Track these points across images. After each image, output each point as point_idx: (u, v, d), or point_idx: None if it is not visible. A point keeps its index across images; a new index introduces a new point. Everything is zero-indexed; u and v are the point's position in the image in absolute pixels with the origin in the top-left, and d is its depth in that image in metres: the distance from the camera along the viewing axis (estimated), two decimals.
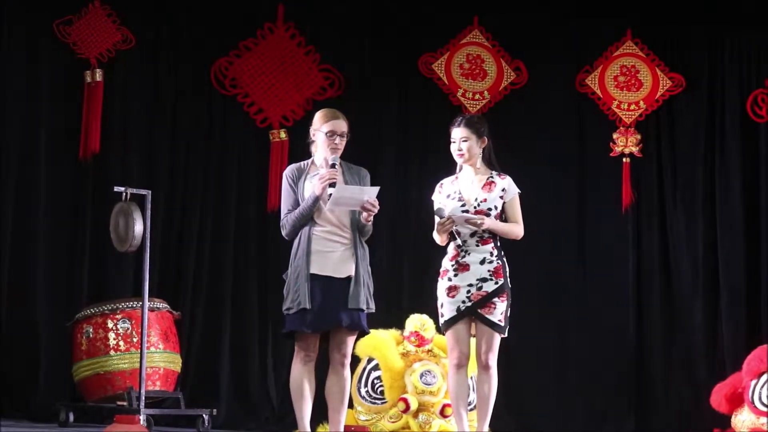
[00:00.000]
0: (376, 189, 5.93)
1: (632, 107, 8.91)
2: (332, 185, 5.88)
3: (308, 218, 5.94)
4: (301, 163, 6.13)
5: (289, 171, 6.08)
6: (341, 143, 6.04)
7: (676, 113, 8.94)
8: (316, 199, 5.91)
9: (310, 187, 5.97)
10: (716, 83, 8.92)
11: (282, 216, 6.03)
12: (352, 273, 5.97)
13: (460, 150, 6.26)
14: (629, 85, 8.92)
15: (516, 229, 6.28)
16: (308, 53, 8.79)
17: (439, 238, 6.26)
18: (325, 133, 6.03)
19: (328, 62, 8.79)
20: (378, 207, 5.95)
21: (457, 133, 6.27)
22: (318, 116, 6.12)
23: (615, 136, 8.88)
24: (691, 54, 8.99)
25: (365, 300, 6.00)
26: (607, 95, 8.92)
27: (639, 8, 8.91)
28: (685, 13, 8.83)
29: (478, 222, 6.13)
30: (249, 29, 8.77)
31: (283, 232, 6.03)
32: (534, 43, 8.95)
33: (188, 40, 8.69)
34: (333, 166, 5.95)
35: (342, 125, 6.06)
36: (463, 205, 6.20)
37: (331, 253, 5.94)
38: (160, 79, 8.64)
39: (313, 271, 5.90)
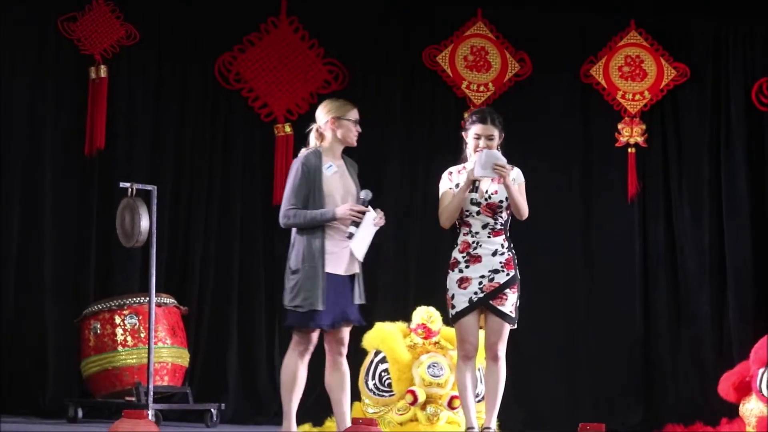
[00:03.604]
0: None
1: (637, 97, 8.90)
2: (355, 224, 6.00)
3: (317, 227, 5.99)
4: (310, 152, 6.12)
5: (304, 159, 6.05)
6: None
7: (681, 103, 8.93)
8: (334, 219, 5.96)
9: (331, 185, 6.02)
10: (721, 72, 8.91)
11: (287, 206, 6.02)
12: (357, 270, 6.10)
13: (486, 148, 6.22)
14: (634, 75, 8.91)
15: (525, 204, 6.25)
16: (312, 47, 8.79)
17: (448, 211, 6.20)
18: (352, 120, 6.10)
19: (331, 56, 8.79)
20: (383, 217, 6.10)
21: (484, 129, 6.25)
22: (337, 105, 6.16)
23: (620, 126, 8.87)
24: (696, 43, 8.97)
25: (364, 294, 6.15)
26: (612, 85, 8.91)
27: None
28: (688, 2, 8.82)
29: (507, 168, 6.09)
30: (252, 23, 8.77)
31: (284, 222, 6.05)
32: (538, 34, 8.94)
33: (192, 35, 8.70)
34: (365, 203, 6.02)
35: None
36: (473, 198, 6.21)
37: (342, 252, 6.01)
38: (165, 74, 8.65)
39: (327, 270, 5.97)
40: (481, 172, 6.10)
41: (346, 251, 6.01)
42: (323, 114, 6.14)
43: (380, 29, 8.88)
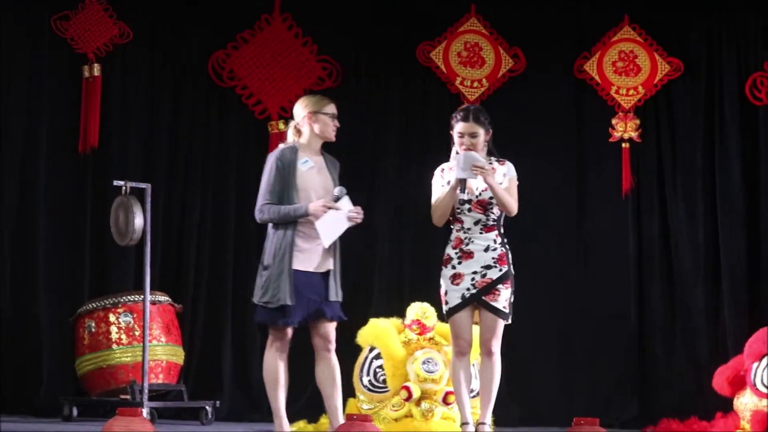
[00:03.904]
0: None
1: (631, 92, 8.90)
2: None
3: (290, 223, 6.00)
4: (287, 147, 6.14)
5: (279, 154, 6.09)
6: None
7: (675, 98, 8.92)
8: (307, 215, 5.96)
9: (307, 180, 6.00)
10: (715, 67, 8.90)
11: (261, 200, 6.09)
12: (332, 267, 6.11)
13: (471, 146, 6.21)
14: (627, 70, 8.91)
15: (513, 201, 6.23)
16: (305, 44, 8.79)
17: (439, 210, 6.20)
18: (330, 115, 6.11)
19: (325, 53, 8.79)
20: (361, 211, 6.01)
21: (466, 128, 6.23)
22: (314, 100, 6.21)
23: (614, 121, 8.87)
24: (689, 38, 8.96)
25: (340, 291, 6.18)
26: (606, 81, 8.91)
27: None
28: None
29: (486, 168, 6.09)
30: (246, 21, 8.77)
31: (259, 217, 6.13)
32: (532, 29, 8.94)
33: (185, 33, 8.70)
34: (337, 200, 6.00)
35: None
36: (464, 195, 6.21)
37: (314, 250, 6.03)
38: (158, 72, 8.65)
39: (296, 267, 5.98)
40: (462, 174, 6.11)
41: (319, 248, 6.04)
42: (300, 109, 6.18)
43: (374, 26, 8.88)
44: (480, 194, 6.22)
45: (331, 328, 6.13)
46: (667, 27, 8.99)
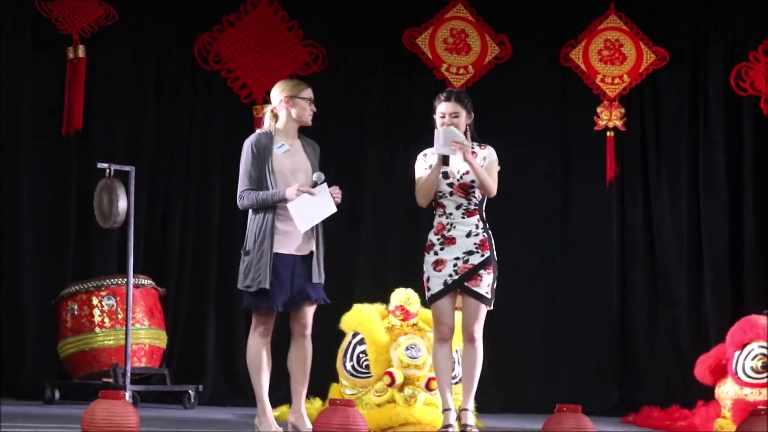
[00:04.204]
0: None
1: (616, 81, 8.91)
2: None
3: (270, 207, 6.02)
4: (262, 132, 6.13)
5: (255, 140, 6.09)
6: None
7: (660, 87, 8.94)
8: (284, 200, 5.97)
9: (282, 164, 6.02)
10: (700, 56, 8.92)
11: (241, 186, 6.07)
12: (314, 249, 6.10)
13: (451, 125, 6.21)
14: (613, 58, 8.92)
15: (491, 181, 6.21)
16: (291, 28, 8.77)
17: (423, 189, 6.19)
18: (306, 99, 6.10)
19: (311, 37, 8.77)
20: (338, 191, 6.05)
21: (447, 108, 6.22)
22: (291, 84, 6.18)
23: (599, 109, 8.88)
24: (675, 27, 8.98)
25: (323, 274, 6.16)
26: (591, 69, 8.92)
27: None
28: None
29: (466, 143, 6.09)
30: (232, 4, 8.74)
31: (240, 204, 6.11)
32: (518, 17, 8.94)
33: (171, 16, 8.66)
34: (315, 185, 6.00)
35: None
36: (446, 177, 6.20)
37: (295, 232, 6.02)
38: (143, 54, 8.62)
39: (277, 250, 5.99)
40: (442, 150, 6.10)
41: (299, 231, 6.02)
42: (277, 93, 6.16)
43: (360, 11, 8.86)
44: (461, 177, 6.21)
45: (310, 312, 6.12)
46: (653, 16, 9.00)
